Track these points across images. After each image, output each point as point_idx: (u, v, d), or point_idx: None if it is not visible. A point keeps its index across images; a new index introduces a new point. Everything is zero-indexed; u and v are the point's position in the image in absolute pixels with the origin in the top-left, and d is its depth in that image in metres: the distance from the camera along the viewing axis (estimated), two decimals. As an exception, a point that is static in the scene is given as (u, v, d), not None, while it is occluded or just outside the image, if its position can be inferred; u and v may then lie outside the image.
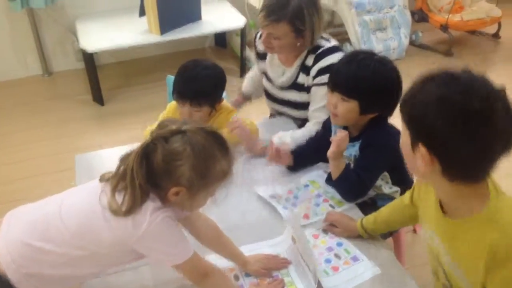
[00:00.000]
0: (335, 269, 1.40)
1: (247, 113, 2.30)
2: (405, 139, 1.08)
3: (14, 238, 1.22)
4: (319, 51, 1.87)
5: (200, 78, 1.83)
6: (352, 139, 1.65)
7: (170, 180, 1.15)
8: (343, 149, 1.59)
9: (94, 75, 3.52)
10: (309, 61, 1.89)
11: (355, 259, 1.43)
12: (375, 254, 1.45)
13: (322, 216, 1.57)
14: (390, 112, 1.62)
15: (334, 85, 1.61)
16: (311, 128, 1.87)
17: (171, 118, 1.22)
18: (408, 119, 1.06)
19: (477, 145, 0.97)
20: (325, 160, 1.68)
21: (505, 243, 1.01)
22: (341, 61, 1.64)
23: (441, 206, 1.14)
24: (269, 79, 2.06)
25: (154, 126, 1.96)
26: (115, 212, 1.15)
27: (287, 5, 1.76)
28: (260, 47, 2.06)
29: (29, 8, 3.64)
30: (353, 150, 1.65)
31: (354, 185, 1.61)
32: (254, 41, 2.10)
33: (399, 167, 1.60)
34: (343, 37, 4.16)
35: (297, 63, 1.91)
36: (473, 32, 4.47)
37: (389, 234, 1.78)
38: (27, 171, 2.91)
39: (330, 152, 1.59)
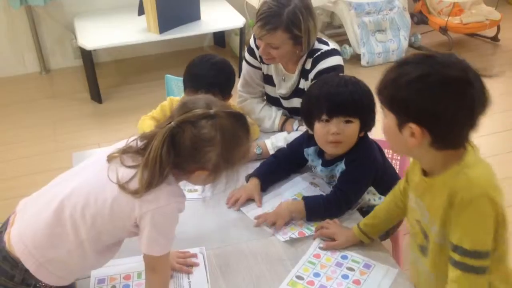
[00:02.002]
0: (357, 282, 1.37)
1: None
2: (389, 124, 1.13)
3: (26, 226, 1.21)
4: (317, 54, 1.85)
5: (214, 69, 1.84)
6: (336, 159, 1.62)
7: (196, 164, 1.16)
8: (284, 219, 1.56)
9: (92, 73, 3.51)
10: (308, 65, 1.87)
11: (367, 266, 1.41)
12: (374, 256, 1.44)
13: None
14: (371, 128, 1.62)
15: (335, 110, 1.54)
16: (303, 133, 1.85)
17: (192, 98, 1.19)
18: (392, 103, 1.11)
19: (464, 109, 1.04)
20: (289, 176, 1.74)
21: (463, 192, 1.08)
22: (325, 87, 1.58)
23: (424, 172, 1.21)
24: (273, 83, 2.03)
25: (148, 118, 1.99)
26: (134, 190, 1.14)
27: (282, 12, 1.73)
28: None
29: (27, 6, 3.63)
30: (340, 168, 1.62)
31: (332, 205, 1.57)
32: (257, 47, 1.98)
33: (384, 176, 1.62)
34: (342, 39, 4.17)
35: (298, 68, 1.90)
36: (472, 35, 4.48)
37: (387, 235, 1.77)
38: (24, 168, 2.89)
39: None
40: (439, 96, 1.04)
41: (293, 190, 1.72)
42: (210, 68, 1.85)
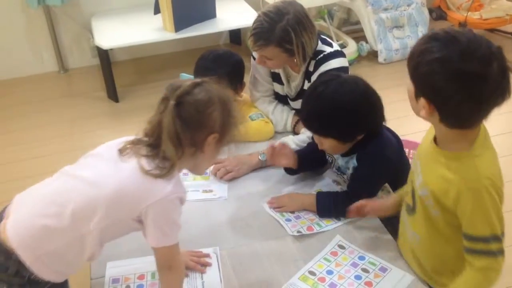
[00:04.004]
0: (369, 284, 1.35)
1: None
2: (410, 89, 1.19)
3: (24, 218, 1.22)
4: (320, 56, 1.83)
5: (217, 61, 1.90)
6: (347, 153, 1.60)
7: (205, 129, 1.21)
8: (290, 203, 1.61)
9: (109, 72, 3.53)
10: (311, 67, 1.86)
11: (383, 269, 1.39)
12: (393, 259, 1.41)
13: (326, 228, 1.54)
14: (376, 129, 1.55)
15: (305, 126, 1.60)
16: (309, 134, 1.82)
17: (176, 80, 1.27)
18: (413, 74, 1.16)
19: (473, 101, 1.09)
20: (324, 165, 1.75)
21: (473, 182, 1.16)
22: (304, 97, 1.60)
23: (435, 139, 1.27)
24: (281, 82, 2.02)
25: None
26: (158, 175, 1.17)
27: (273, 29, 1.73)
28: None
29: (45, 5, 3.66)
30: (352, 163, 1.60)
31: (342, 202, 1.55)
32: None
33: (399, 176, 1.56)
34: (359, 35, 4.12)
35: (302, 69, 1.89)
36: (492, 31, 4.40)
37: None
38: (41, 167, 2.92)
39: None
40: (450, 83, 1.08)
41: (314, 186, 1.72)
42: (213, 60, 1.90)
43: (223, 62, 1.92)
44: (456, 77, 1.07)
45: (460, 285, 1.24)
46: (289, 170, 1.74)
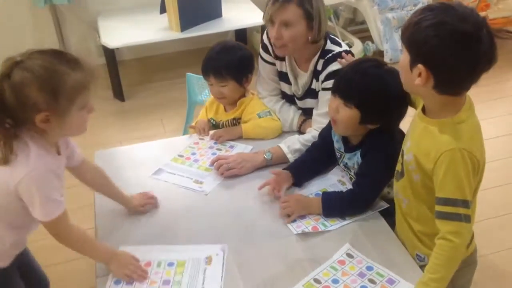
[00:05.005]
0: None
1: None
2: (404, 61, 1.25)
3: None
4: (328, 56, 1.82)
5: (222, 52, 1.93)
6: (353, 148, 1.62)
7: (30, 110, 1.18)
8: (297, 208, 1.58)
9: (115, 71, 3.55)
10: (319, 66, 1.86)
11: (390, 281, 1.36)
12: (402, 272, 1.39)
13: (331, 227, 1.54)
14: (390, 126, 1.57)
15: (336, 88, 1.57)
16: (315, 134, 1.83)
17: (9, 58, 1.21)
18: (409, 43, 1.22)
19: (466, 62, 1.16)
20: (325, 170, 1.76)
21: (449, 145, 1.22)
22: (348, 65, 1.60)
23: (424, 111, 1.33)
24: (288, 81, 2.02)
25: (196, 122, 2.04)
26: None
27: None
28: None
29: (52, 5, 3.68)
30: (356, 158, 1.61)
31: (347, 201, 1.57)
32: (270, 43, 1.97)
33: None
34: (365, 35, 4.12)
35: (310, 68, 1.88)
36: (499, 31, 4.38)
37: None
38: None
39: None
40: (446, 45, 1.14)
41: (319, 186, 1.72)
42: (220, 52, 1.93)
43: (230, 54, 1.94)
44: (452, 38, 1.14)
45: (430, 259, 1.27)
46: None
